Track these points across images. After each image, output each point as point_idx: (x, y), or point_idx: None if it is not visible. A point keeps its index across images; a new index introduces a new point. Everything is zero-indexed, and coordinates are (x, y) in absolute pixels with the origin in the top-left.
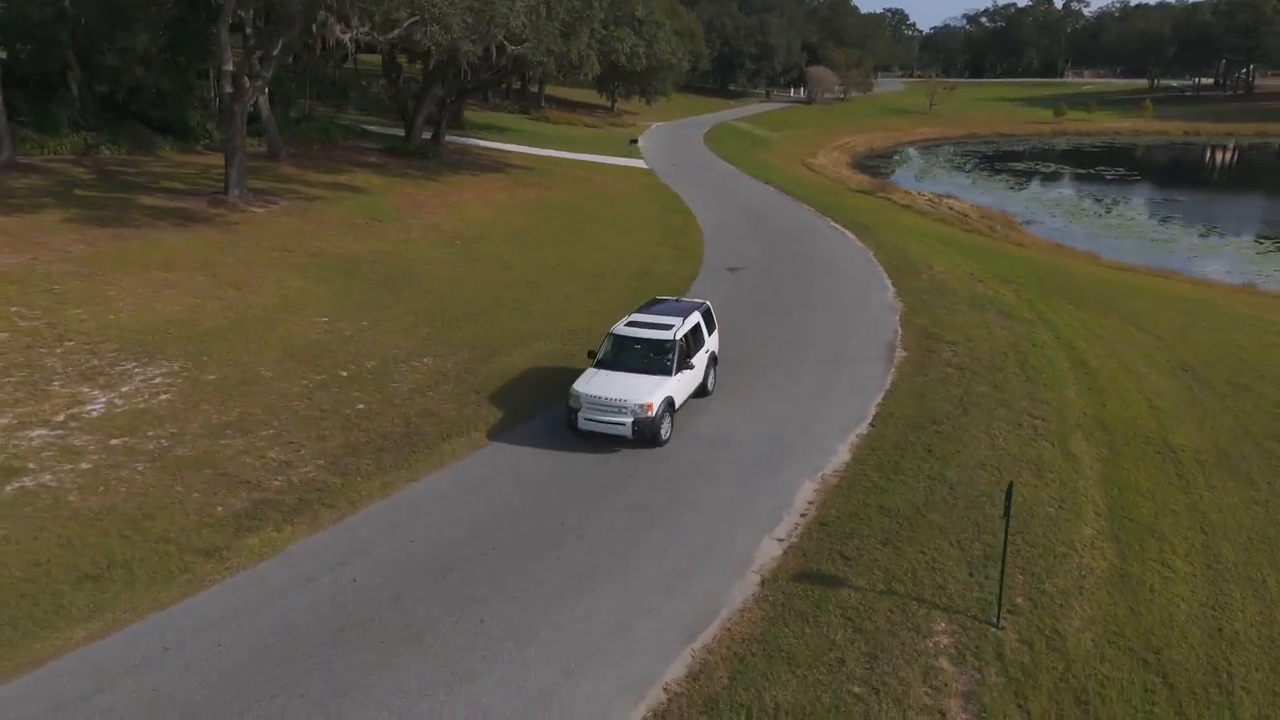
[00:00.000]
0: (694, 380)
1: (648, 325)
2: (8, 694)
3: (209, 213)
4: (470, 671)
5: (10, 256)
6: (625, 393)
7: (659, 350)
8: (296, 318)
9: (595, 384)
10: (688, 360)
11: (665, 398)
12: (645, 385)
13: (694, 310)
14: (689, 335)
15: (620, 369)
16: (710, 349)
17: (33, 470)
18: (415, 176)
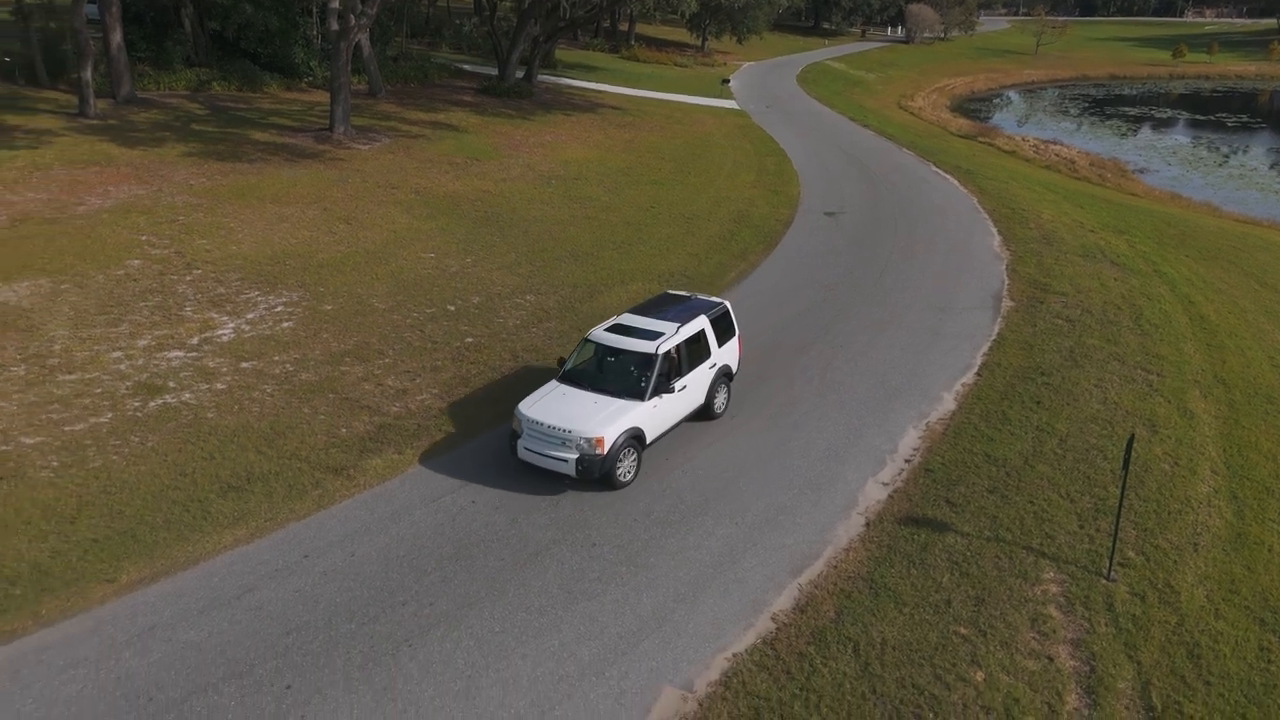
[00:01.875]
0: (683, 405)
1: (632, 332)
2: (170, 588)
3: (316, 149)
4: (585, 592)
5: (138, 188)
6: (574, 420)
7: (636, 366)
8: (405, 253)
9: (543, 405)
10: (669, 384)
11: (627, 430)
12: (602, 412)
13: (699, 315)
14: (683, 348)
15: (585, 386)
16: (721, 362)
17: (173, 389)
18: (510, 116)
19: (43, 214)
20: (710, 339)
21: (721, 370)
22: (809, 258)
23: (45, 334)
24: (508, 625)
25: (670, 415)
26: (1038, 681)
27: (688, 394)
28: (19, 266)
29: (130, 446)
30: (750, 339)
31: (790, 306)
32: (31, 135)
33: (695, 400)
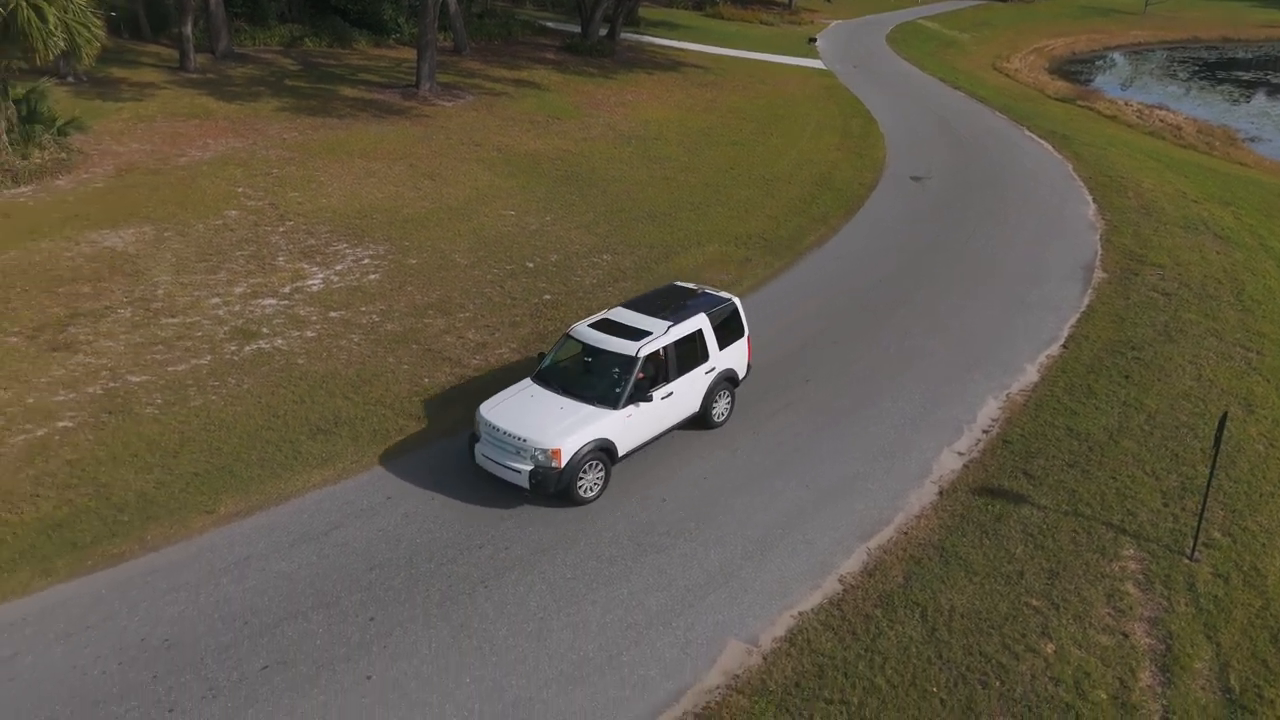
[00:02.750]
0: (669, 414)
1: (618, 329)
2: (264, 522)
3: (403, 105)
4: (655, 545)
5: (235, 141)
6: (531, 428)
7: (614, 368)
8: (486, 210)
9: (505, 408)
10: (647, 392)
11: (592, 442)
12: (565, 420)
13: (697, 313)
14: (671, 350)
15: (556, 387)
16: (722, 366)
17: (267, 335)
18: (592, 74)
19: (147, 165)
20: (708, 341)
21: (723, 375)
22: (892, 223)
23: (150, 278)
24: (579, 573)
25: (650, 425)
26: (1110, 657)
27: (676, 401)
28: (126, 214)
29: (227, 388)
30: (827, 305)
31: (870, 272)
32: (136, 88)
33: (687, 408)
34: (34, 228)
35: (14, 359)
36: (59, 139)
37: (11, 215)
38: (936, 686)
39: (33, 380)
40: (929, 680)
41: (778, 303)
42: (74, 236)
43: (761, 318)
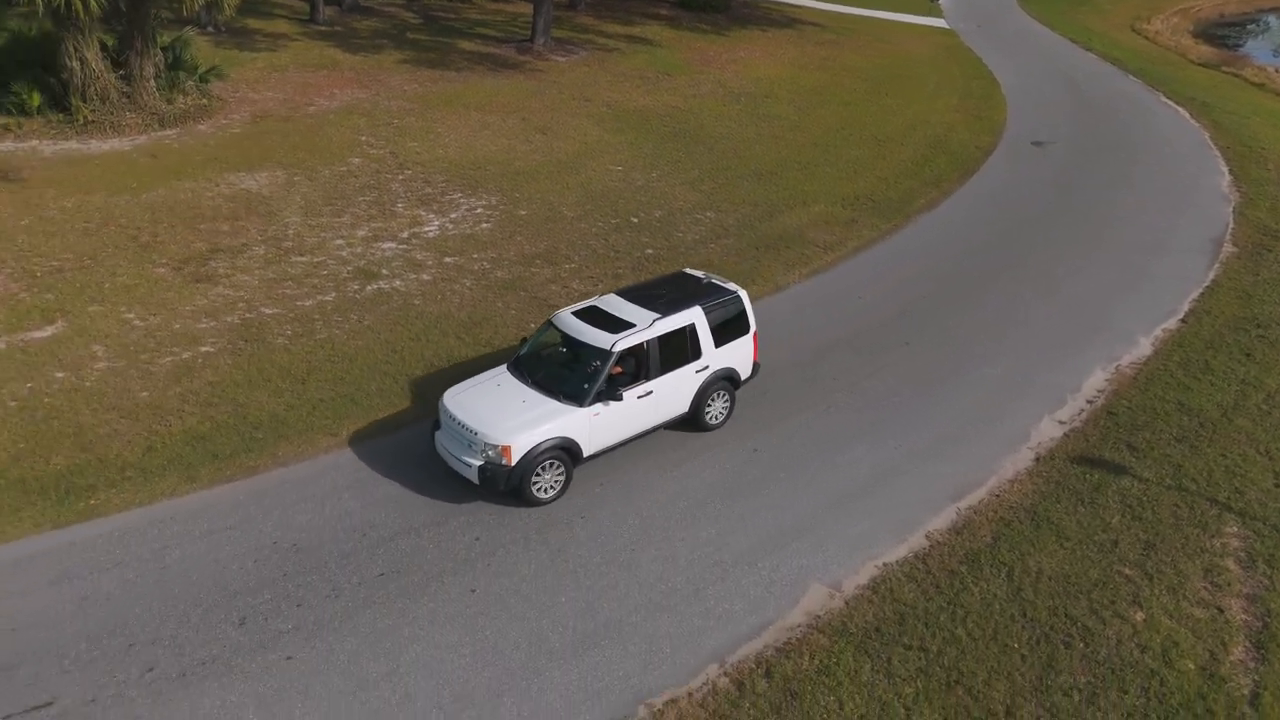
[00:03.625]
0: (648, 414)
1: (601, 319)
2: (382, 446)
3: (518, 60)
4: (744, 491)
5: (359, 92)
6: (486, 421)
7: (587, 361)
8: (594, 164)
9: (467, 396)
10: (617, 390)
11: (550, 440)
12: (524, 415)
13: (691, 306)
14: (653, 345)
15: (526, 377)
16: (718, 365)
17: (386, 276)
18: (705, 31)
19: (279, 112)
20: (702, 337)
21: (719, 375)
22: (1008, 188)
23: (281, 219)
24: (669, 512)
25: (623, 425)
26: (1202, 629)
27: (656, 401)
28: (260, 158)
29: (350, 323)
30: (933, 269)
31: (981, 236)
32: (269, 39)
33: (672, 409)
34: (178, 168)
35: (162, 288)
36: (201, 86)
37: (159, 156)
38: (1018, 643)
39: (178, 308)
40: (1011, 636)
41: (882, 265)
42: (214, 178)
43: (863, 280)
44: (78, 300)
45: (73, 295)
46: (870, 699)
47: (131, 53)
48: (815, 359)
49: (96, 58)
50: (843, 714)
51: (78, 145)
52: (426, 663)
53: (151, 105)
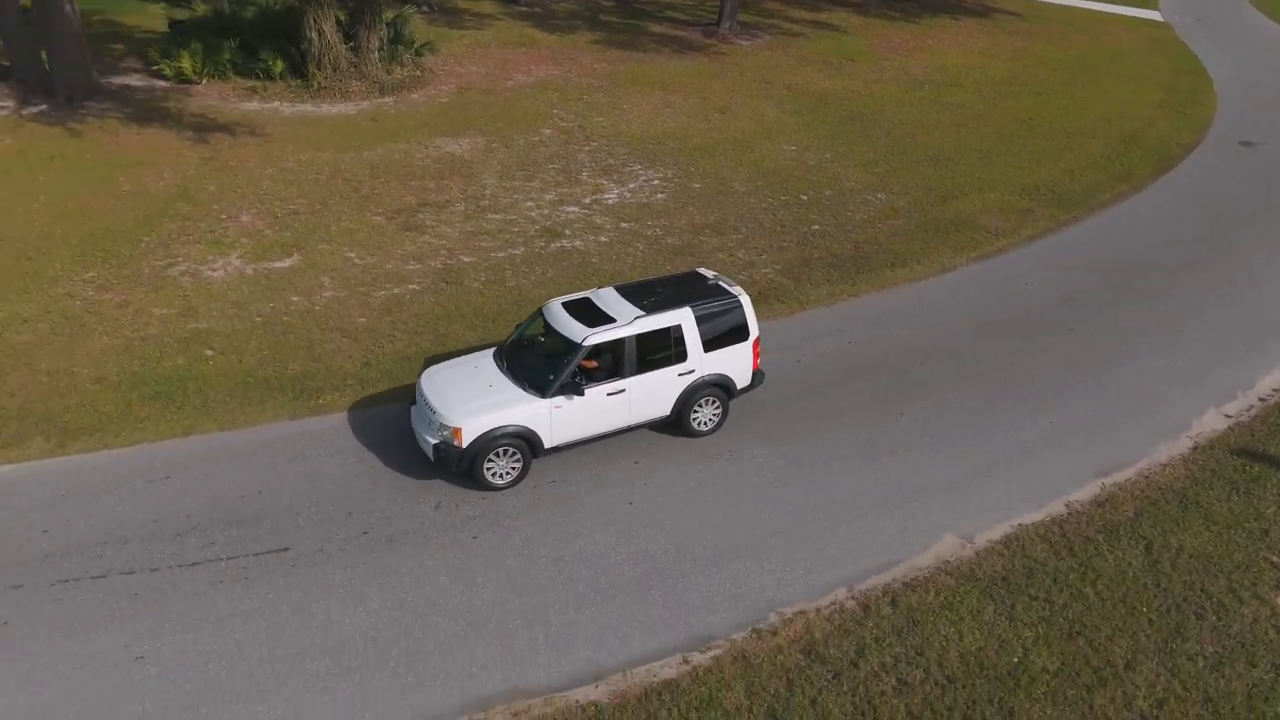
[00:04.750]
0: (619, 413)
1: (588, 312)
2: None
3: (702, 42)
4: (885, 450)
5: (554, 69)
6: (447, 402)
7: (559, 353)
8: (769, 144)
9: (442, 376)
10: (580, 384)
11: (503, 428)
12: (484, 399)
13: (682, 307)
14: (630, 344)
15: (504, 362)
16: (706, 371)
17: (568, 236)
18: (894, 18)
19: (481, 85)
20: (689, 340)
21: (708, 381)
22: (1207, 187)
23: (480, 181)
24: (813, 459)
25: (590, 421)
26: None
27: (630, 401)
28: (464, 126)
29: (535, 274)
30: (1110, 261)
31: (1168, 233)
32: (476, 18)
33: (649, 410)
34: (394, 132)
35: (378, 234)
36: (416, 59)
37: (379, 120)
38: (1147, 608)
39: (391, 251)
40: (1141, 602)
41: (1055, 255)
42: (424, 141)
43: (1033, 268)
44: (310, 239)
45: (306, 234)
46: (989, 635)
47: (361, 27)
48: (973, 339)
49: (332, 31)
50: (961, 644)
51: (311, 108)
52: (586, 555)
53: (374, 75)
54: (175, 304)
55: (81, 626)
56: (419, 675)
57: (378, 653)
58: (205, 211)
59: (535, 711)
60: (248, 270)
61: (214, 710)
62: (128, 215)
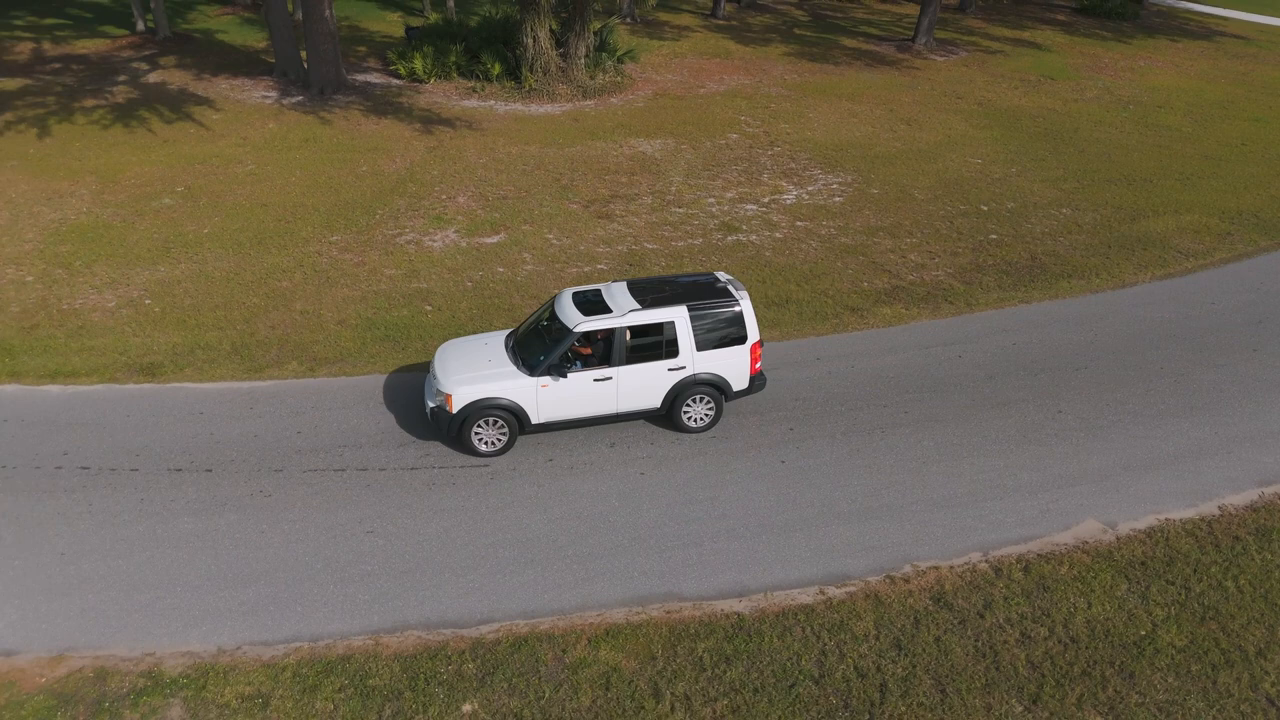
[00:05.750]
0: (607, 399)
1: (591, 302)
2: None
3: (895, 57)
4: (1040, 440)
5: (745, 78)
6: (447, 370)
7: (553, 336)
8: (954, 155)
9: (453, 349)
10: (563, 368)
11: (491, 400)
12: (479, 371)
13: (678, 305)
14: (618, 335)
15: (511, 342)
16: (698, 369)
17: (744, 231)
18: (1103, 38)
19: (675, 92)
20: (681, 337)
21: (700, 379)
22: None
23: (666, 178)
24: (962, 441)
25: (576, 403)
26: None
27: (617, 389)
28: (655, 128)
29: (710, 263)
30: None
31: None
32: (675, 30)
33: (639, 401)
34: (593, 131)
35: (573, 220)
36: (618, 66)
37: (580, 120)
38: None
39: (583, 235)
40: None
41: (1249, 279)
42: (619, 141)
43: (1222, 290)
44: (515, 220)
45: (512, 216)
46: (1119, 608)
47: (571, 36)
48: (1145, 349)
49: (545, 39)
50: (1089, 612)
51: (522, 107)
52: (739, 499)
53: (579, 79)
54: (402, 266)
55: (325, 505)
56: (589, 571)
57: (556, 551)
58: (429, 192)
59: (685, 613)
60: (462, 243)
61: (426, 576)
62: (366, 191)
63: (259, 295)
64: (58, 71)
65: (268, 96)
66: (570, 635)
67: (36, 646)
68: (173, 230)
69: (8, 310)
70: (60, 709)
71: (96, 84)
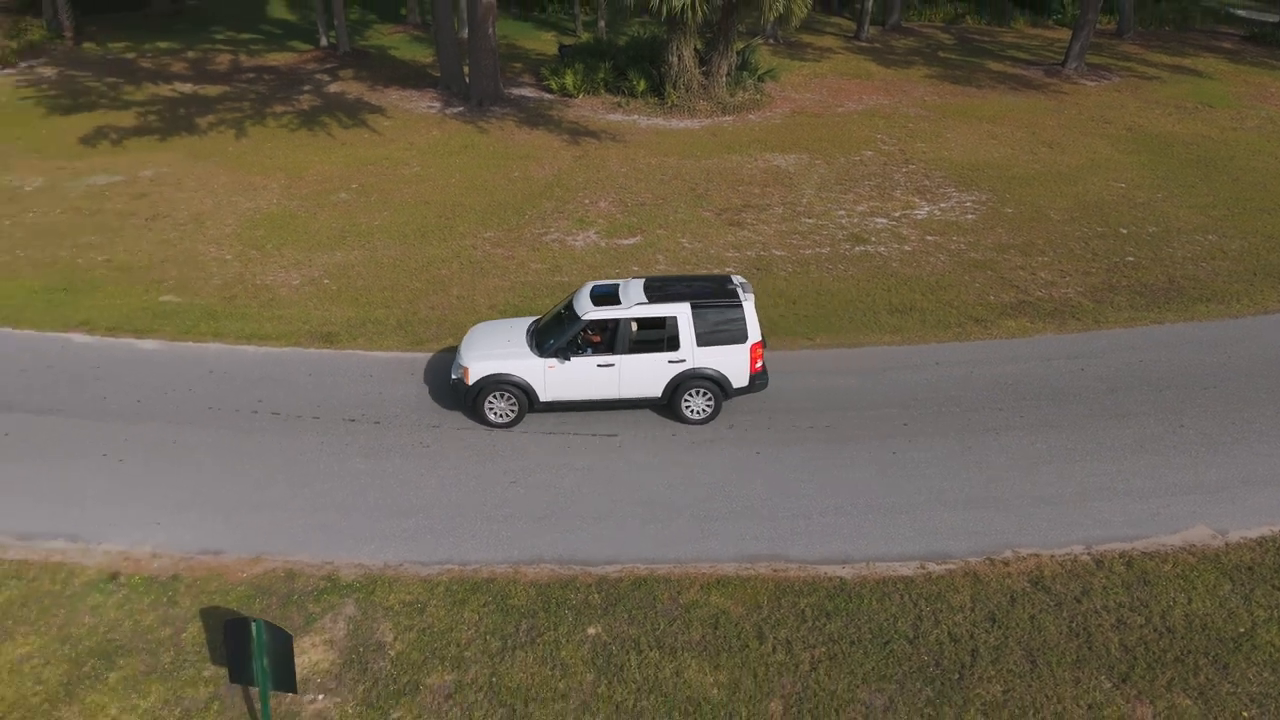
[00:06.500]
0: (609, 384)
1: (605, 294)
2: (841, 355)
3: (1042, 81)
4: (1156, 450)
5: (883, 98)
6: (469, 347)
7: (561, 324)
8: (1096, 179)
9: (482, 329)
10: (567, 352)
11: (502, 375)
12: (496, 350)
13: (681, 302)
14: (622, 325)
15: (536, 329)
16: (697, 364)
17: (872, 242)
18: (1272, 66)
19: (812, 110)
20: (682, 332)
21: (699, 374)
22: None
23: (798, 190)
24: (1076, 447)
25: (581, 386)
26: None
27: (619, 376)
28: (791, 144)
29: (837, 271)
30: None
31: None
32: (816, 51)
33: (640, 389)
34: (729, 145)
35: (706, 226)
36: (757, 85)
37: (718, 135)
38: None
39: (714, 240)
40: None
41: None
42: (754, 155)
43: None
44: (650, 225)
45: (648, 220)
46: (1220, 606)
47: (714, 55)
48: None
49: (689, 57)
50: (1189, 606)
51: (663, 122)
52: (849, 482)
53: (719, 97)
54: (546, 261)
55: (475, 457)
56: (703, 531)
57: (675, 512)
58: (573, 196)
59: (790, 573)
60: (601, 243)
61: (560, 522)
62: (516, 194)
63: (421, 280)
64: (252, 81)
65: (432, 107)
66: (685, 581)
67: (238, 549)
68: (348, 221)
69: (211, 282)
70: (257, 598)
71: (285, 92)
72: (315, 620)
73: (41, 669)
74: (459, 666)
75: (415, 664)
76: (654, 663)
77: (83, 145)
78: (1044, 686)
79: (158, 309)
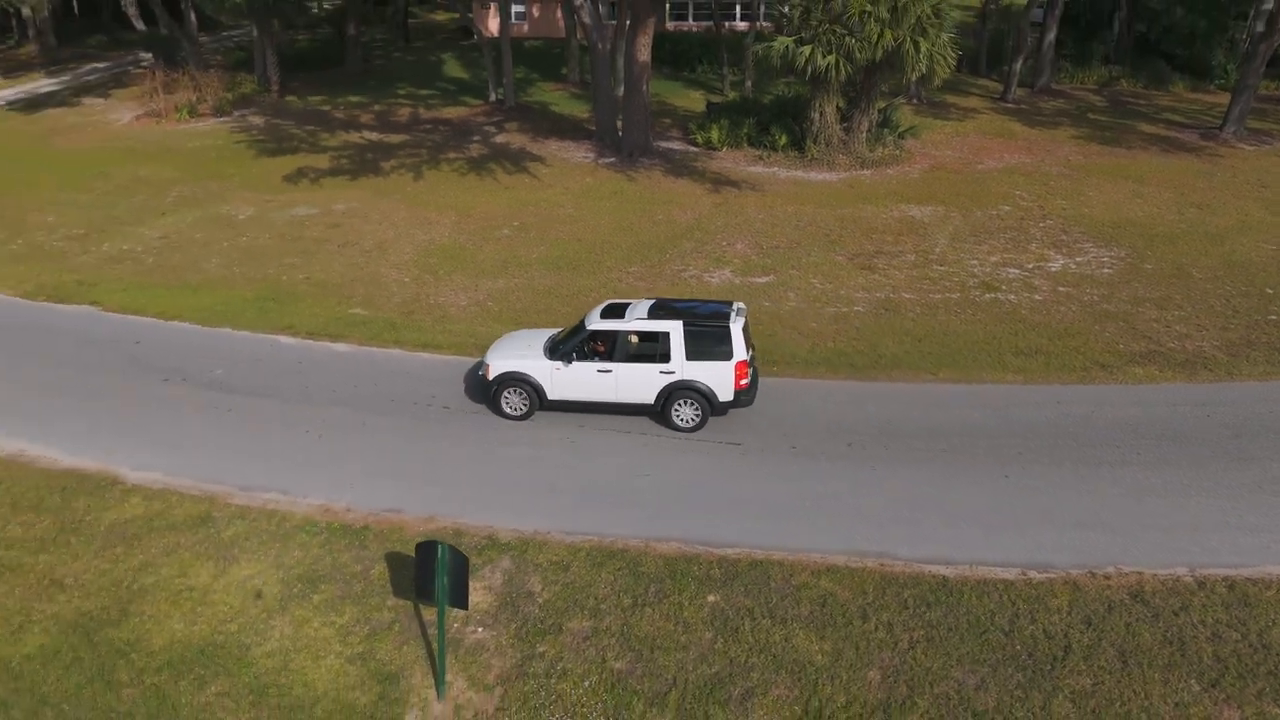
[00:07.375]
0: (606, 387)
1: (613, 311)
2: (965, 390)
3: (1196, 144)
4: (1276, 489)
5: (1025, 157)
6: (495, 349)
7: (570, 333)
8: (1245, 240)
9: (510, 337)
10: (570, 357)
11: (516, 374)
12: (512, 351)
13: (677, 320)
14: (618, 337)
15: (551, 335)
16: (689, 376)
17: (1004, 290)
18: None
19: (951, 166)
20: (674, 347)
21: (688, 385)
22: None
23: (932, 240)
24: (1192, 484)
25: (584, 388)
26: None
27: (614, 382)
28: (927, 196)
29: (964, 315)
30: None
31: None
32: (960, 111)
33: (635, 395)
34: (866, 196)
35: (837, 269)
36: (898, 141)
37: (855, 187)
38: None
39: (845, 282)
40: None
41: None
42: (889, 206)
43: None
44: (784, 266)
45: (781, 262)
46: None
47: (856, 111)
48: None
49: (831, 114)
50: None
51: (802, 174)
52: (960, 498)
53: (859, 152)
54: (684, 294)
55: (613, 453)
56: (816, 527)
57: (790, 512)
58: (711, 239)
59: (896, 568)
60: (735, 281)
61: (686, 509)
62: (660, 235)
63: (570, 305)
64: (429, 131)
65: (587, 157)
66: (797, 566)
67: (416, 510)
68: (509, 253)
69: (392, 300)
70: None
71: (457, 141)
72: (477, 570)
73: (260, 587)
74: (596, 615)
75: (559, 610)
76: (765, 629)
77: (286, 182)
78: (1133, 683)
79: (348, 319)
